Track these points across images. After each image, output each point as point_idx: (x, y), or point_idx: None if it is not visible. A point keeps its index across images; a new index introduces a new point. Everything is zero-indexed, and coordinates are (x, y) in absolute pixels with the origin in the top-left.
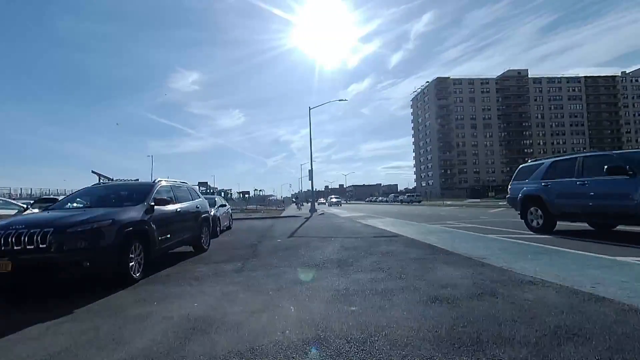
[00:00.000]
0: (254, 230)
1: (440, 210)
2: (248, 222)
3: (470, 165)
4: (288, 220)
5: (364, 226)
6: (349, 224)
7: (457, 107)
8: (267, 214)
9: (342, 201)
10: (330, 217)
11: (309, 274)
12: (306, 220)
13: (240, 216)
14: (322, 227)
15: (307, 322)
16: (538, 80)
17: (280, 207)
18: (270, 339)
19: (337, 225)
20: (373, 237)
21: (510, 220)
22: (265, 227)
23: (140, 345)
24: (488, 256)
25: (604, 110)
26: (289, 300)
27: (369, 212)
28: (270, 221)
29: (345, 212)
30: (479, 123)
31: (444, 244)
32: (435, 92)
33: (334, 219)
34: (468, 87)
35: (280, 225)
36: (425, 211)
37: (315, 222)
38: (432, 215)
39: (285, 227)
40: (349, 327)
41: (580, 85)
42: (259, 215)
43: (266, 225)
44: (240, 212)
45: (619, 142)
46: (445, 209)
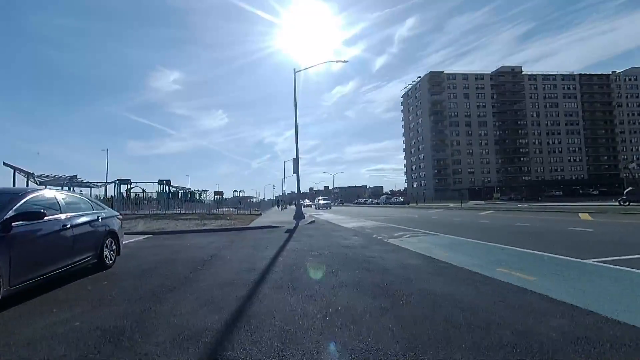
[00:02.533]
0: (149, 275)
1: (474, 217)
2: (185, 241)
3: (465, 165)
4: (256, 239)
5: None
6: (393, 258)
7: (451, 104)
8: (234, 222)
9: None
10: (326, 228)
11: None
12: (288, 238)
13: (191, 227)
14: (331, 267)
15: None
16: (533, 77)
17: (256, 210)
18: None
19: (361, 257)
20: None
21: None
22: (192, 262)
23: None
24: None
25: (598, 109)
26: None
27: (377, 219)
28: (225, 239)
29: (342, 217)
30: (473, 120)
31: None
32: (429, 86)
33: (337, 235)
34: (462, 82)
35: (229, 256)
36: (466, 220)
37: (306, 246)
38: (501, 228)
39: (234, 265)
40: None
41: (575, 83)
42: (218, 225)
43: (203, 255)
44: (195, 220)
45: (613, 142)
46: (466, 213)
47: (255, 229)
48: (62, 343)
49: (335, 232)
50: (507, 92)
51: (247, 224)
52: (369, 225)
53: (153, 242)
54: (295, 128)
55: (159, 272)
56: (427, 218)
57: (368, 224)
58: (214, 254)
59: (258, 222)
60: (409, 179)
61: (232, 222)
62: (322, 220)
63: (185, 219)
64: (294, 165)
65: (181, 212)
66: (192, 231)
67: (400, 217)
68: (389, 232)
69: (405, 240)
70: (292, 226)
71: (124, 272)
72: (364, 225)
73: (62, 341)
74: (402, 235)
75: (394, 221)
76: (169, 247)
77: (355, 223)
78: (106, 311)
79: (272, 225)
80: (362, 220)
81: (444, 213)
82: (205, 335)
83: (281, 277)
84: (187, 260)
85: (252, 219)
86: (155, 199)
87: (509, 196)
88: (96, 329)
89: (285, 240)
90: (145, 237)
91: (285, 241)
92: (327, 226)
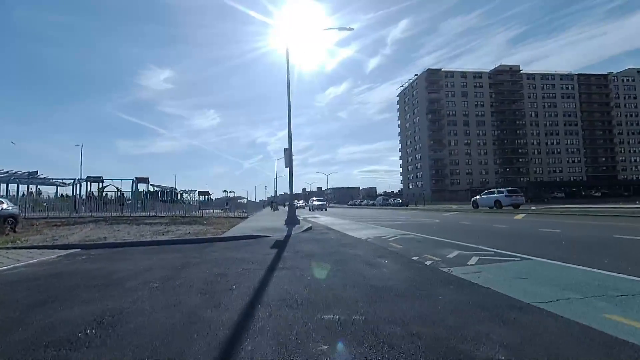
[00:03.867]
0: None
1: (521, 223)
2: (108, 265)
3: (463, 165)
4: (222, 263)
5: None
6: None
7: (449, 102)
8: (209, 227)
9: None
10: (330, 240)
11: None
12: (274, 261)
13: (146, 236)
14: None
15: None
16: (532, 77)
17: (242, 212)
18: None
19: (448, 341)
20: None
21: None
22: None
23: None
24: None
25: (596, 110)
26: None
27: (389, 224)
28: (177, 262)
29: (344, 222)
30: (471, 120)
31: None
32: (426, 84)
33: (351, 254)
34: (460, 80)
35: (131, 325)
36: (519, 227)
37: (306, 284)
38: (607, 242)
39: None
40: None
41: (574, 83)
42: (184, 233)
43: (80, 319)
44: (162, 225)
45: (611, 143)
46: (497, 217)
47: (231, 240)
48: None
49: (345, 247)
50: (505, 91)
51: (224, 231)
52: (386, 234)
53: (50, 268)
54: (288, 110)
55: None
56: (455, 224)
57: (383, 232)
58: (104, 317)
59: (240, 228)
60: (404, 179)
61: (206, 229)
62: (321, 225)
63: (151, 223)
64: (286, 158)
65: (151, 214)
66: (141, 243)
67: (415, 222)
68: (428, 249)
69: (488, 272)
70: (283, 236)
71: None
72: (380, 234)
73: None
74: (464, 258)
75: (416, 229)
76: (48, 287)
77: (366, 231)
78: None
79: (256, 235)
80: (371, 226)
81: (468, 217)
82: None
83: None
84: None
85: (234, 223)
86: (135, 199)
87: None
88: None
89: (269, 267)
90: (65, 253)
91: (268, 269)
92: (329, 235)
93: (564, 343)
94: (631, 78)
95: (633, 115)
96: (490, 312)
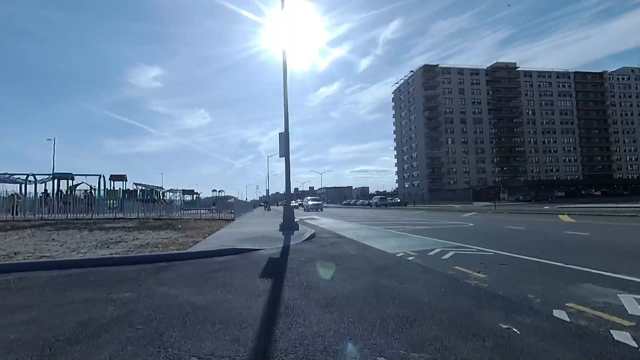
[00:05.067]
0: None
1: (583, 228)
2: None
3: (460, 164)
4: (169, 316)
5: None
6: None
7: (446, 99)
8: (182, 235)
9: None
10: (351, 254)
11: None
12: (269, 352)
13: (81, 248)
14: None
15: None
16: (528, 74)
17: (229, 213)
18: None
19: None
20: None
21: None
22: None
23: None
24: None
25: (592, 108)
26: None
27: (413, 229)
28: (68, 321)
29: (354, 226)
30: (469, 117)
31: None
32: (422, 81)
33: (414, 298)
34: (457, 77)
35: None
36: (593, 237)
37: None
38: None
39: None
40: None
41: (570, 81)
42: (141, 242)
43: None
44: (123, 230)
45: (607, 142)
46: (544, 221)
47: (203, 258)
48: None
49: (384, 274)
50: (502, 88)
51: (198, 240)
52: (426, 246)
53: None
54: (284, 83)
55: None
56: (499, 228)
57: (418, 242)
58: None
59: (221, 236)
60: (400, 179)
61: (177, 236)
62: (325, 230)
63: (112, 228)
64: (281, 145)
65: (119, 216)
66: (54, 265)
67: (441, 225)
68: (547, 283)
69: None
70: (278, 249)
71: None
72: (417, 247)
73: None
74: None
75: (457, 236)
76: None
77: (392, 240)
78: None
79: (240, 248)
80: (393, 232)
81: (505, 219)
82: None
83: None
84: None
85: (216, 227)
86: (104, 198)
87: (516, 197)
88: None
89: (255, 351)
90: None
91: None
92: (345, 248)
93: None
94: (626, 77)
95: (628, 114)
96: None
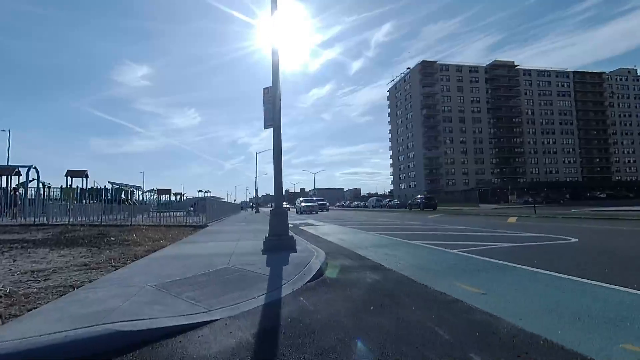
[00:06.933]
0: None
1: None
2: None
3: (459, 164)
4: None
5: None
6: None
7: (444, 97)
8: (71, 259)
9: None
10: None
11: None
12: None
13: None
14: None
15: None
16: (528, 72)
17: (200, 219)
18: None
19: None
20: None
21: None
22: None
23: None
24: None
25: (591, 109)
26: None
27: (487, 246)
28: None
29: (386, 239)
30: (467, 116)
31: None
32: (420, 77)
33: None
34: (456, 74)
35: None
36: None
37: None
38: None
39: None
40: None
41: (569, 81)
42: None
43: None
44: (14, 249)
45: (605, 143)
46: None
47: None
48: None
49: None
50: (502, 86)
51: (53, 297)
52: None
53: None
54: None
55: None
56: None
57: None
58: None
59: (144, 267)
60: (395, 180)
61: (59, 265)
62: (339, 249)
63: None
64: (267, 107)
65: (38, 221)
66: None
67: (526, 242)
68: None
69: None
70: (244, 332)
71: None
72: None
73: None
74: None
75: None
76: None
77: (514, 288)
78: None
79: (134, 332)
80: (483, 262)
81: (594, 229)
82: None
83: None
84: None
85: (164, 242)
86: (60, 197)
87: (524, 199)
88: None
89: None
90: None
91: None
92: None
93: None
94: (624, 77)
95: (626, 115)
96: None
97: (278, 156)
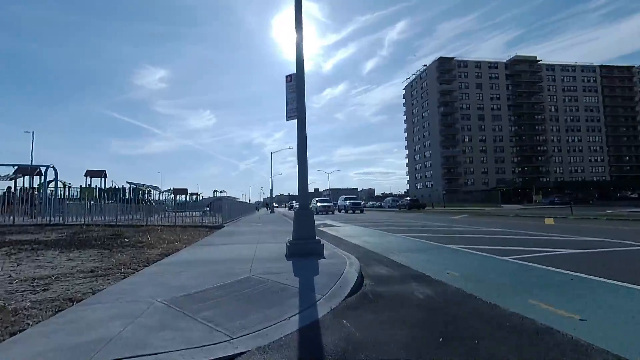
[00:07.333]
0: None
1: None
2: None
3: (478, 163)
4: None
5: None
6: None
7: (462, 94)
8: (80, 263)
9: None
10: None
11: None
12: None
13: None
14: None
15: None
16: (551, 68)
17: (217, 219)
18: None
19: None
20: None
21: None
22: None
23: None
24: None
25: (620, 105)
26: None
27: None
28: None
29: (413, 245)
30: (487, 114)
31: None
32: (437, 74)
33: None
34: (475, 70)
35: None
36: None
37: None
38: None
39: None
40: None
41: (596, 76)
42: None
43: None
44: (23, 251)
45: (635, 140)
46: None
47: None
48: None
49: None
50: (523, 83)
51: (80, 296)
52: None
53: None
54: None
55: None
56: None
57: None
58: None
59: (155, 275)
60: (411, 179)
61: (63, 271)
62: (369, 253)
63: (10, 244)
64: (288, 97)
65: (53, 221)
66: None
67: (542, 235)
68: None
69: None
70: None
71: None
72: None
73: None
74: None
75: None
76: None
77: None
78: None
79: None
80: (581, 280)
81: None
82: None
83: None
84: None
85: (180, 244)
86: (78, 197)
87: (550, 199)
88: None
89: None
90: None
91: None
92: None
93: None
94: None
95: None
96: None
97: (303, 152)
